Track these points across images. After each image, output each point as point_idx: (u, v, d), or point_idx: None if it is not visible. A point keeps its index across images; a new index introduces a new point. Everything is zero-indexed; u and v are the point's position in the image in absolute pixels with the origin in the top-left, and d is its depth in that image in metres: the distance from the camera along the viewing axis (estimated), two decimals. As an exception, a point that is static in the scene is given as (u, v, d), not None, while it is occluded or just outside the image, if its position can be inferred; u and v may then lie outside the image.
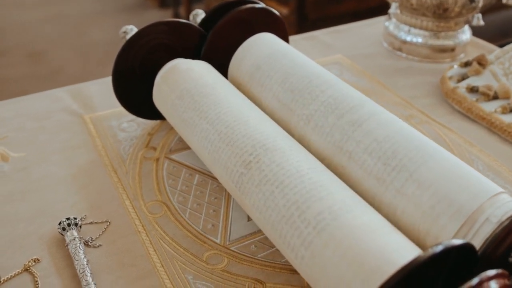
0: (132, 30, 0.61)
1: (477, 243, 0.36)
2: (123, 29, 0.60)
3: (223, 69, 0.60)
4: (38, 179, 0.55)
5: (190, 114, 0.50)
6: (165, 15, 3.01)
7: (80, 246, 0.46)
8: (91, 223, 0.50)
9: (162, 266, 0.45)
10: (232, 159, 0.44)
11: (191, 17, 0.64)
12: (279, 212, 0.39)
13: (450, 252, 0.30)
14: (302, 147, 0.45)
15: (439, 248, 0.30)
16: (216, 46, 0.60)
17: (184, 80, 0.53)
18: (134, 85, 0.59)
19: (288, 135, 0.47)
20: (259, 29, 0.61)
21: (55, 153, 0.59)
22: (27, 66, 2.50)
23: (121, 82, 0.58)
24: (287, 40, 0.64)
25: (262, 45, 0.57)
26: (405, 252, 0.34)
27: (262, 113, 0.50)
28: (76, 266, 0.44)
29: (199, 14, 0.64)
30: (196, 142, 0.49)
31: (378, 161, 0.42)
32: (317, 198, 0.38)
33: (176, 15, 2.91)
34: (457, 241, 0.31)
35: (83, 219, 0.50)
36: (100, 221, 0.50)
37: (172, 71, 0.55)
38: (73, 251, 0.46)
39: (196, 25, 0.60)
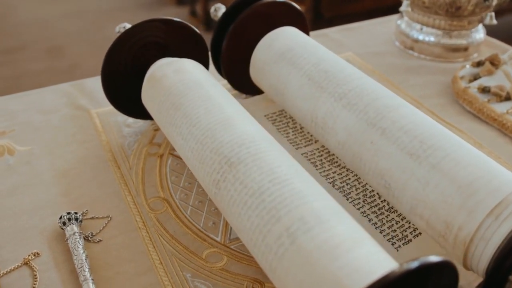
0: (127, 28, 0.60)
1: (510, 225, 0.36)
2: (120, 26, 0.59)
3: (243, 63, 0.60)
4: (42, 172, 0.55)
5: (170, 129, 0.49)
6: (182, 12, 3.02)
7: (80, 241, 0.46)
8: (92, 218, 0.50)
9: (161, 263, 0.45)
10: (206, 178, 0.43)
11: (212, 11, 0.64)
12: (248, 235, 0.38)
13: (417, 273, 0.30)
14: (270, 147, 0.42)
15: (406, 267, 0.29)
16: (238, 39, 0.60)
17: (158, 92, 0.52)
18: (126, 84, 0.58)
19: (259, 135, 0.44)
20: (281, 23, 0.61)
21: (60, 147, 0.59)
22: (45, 60, 2.52)
23: (111, 80, 0.57)
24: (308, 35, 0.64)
25: (294, 33, 0.58)
26: (365, 272, 0.32)
27: (234, 110, 0.47)
28: (75, 261, 0.44)
29: (220, 8, 0.64)
30: (182, 156, 0.49)
31: (414, 139, 0.42)
32: (276, 219, 0.36)
33: (193, 12, 2.91)
34: (434, 258, 0.31)
35: (84, 214, 0.50)
36: (101, 216, 0.50)
37: (149, 81, 0.54)
38: (72, 246, 0.46)
39: (192, 27, 0.59)
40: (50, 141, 0.60)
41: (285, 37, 0.57)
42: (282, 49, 0.56)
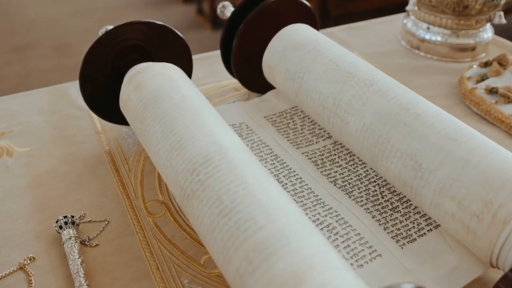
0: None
1: None
2: (101, 31, 0.57)
3: (253, 61, 0.61)
4: (40, 174, 0.55)
5: (145, 145, 0.48)
6: (189, 10, 3.01)
7: (76, 246, 0.45)
8: (89, 221, 0.49)
9: (158, 268, 0.44)
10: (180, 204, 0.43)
11: (218, 10, 0.64)
12: (215, 258, 0.37)
13: None
14: (224, 164, 0.40)
15: None
16: (248, 38, 0.60)
17: (128, 115, 0.51)
18: (105, 89, 0.56)
19: (215, 149, 0.41)
20: (291, 21, 0.60)
21: (60, 148, 0.59)
22: (53, 58, 2.53)
23: (90, 84, 0.56)
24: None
25: (311, 29, 0.59)
26: None
27: (189, 124, 0.44)
28: (71, 266, 0.43)
29: (227, 7, 0.63)
30: None
31: (448, 127, 0.43)
32: (228, 260, 0.34)
33: (200, 10, 2.90)
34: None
35: (82, 217, 0.49)
36: (99, 219, 0.49)
37: (120, 102, 0.53)
38: (68, 251, 0.45)
39: (176, 31, 0.57)
40: (49, 142, 0.60)
41: (305, 30, 0.58)
42: (305, 39, 0.56)
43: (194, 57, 0.77)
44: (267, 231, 0.34)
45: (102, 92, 0.57)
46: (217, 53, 0.79)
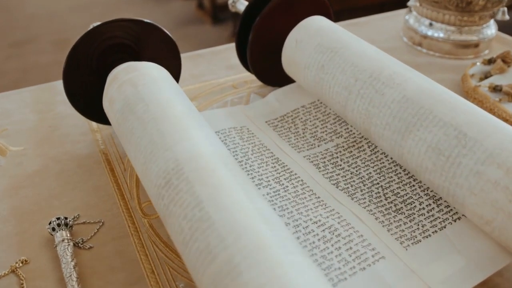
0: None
1: None
2: (91, 27, 0.56)
3: (269, 54, 0.61)
4: (34, 174, 0.54)
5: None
6: (189, 5, 3.00)
7: (69, 249, 0.44)
8: (84, 222, 0.48)
9: (153, 272, 0.43)
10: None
11: (230, 2, 0.63)
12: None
13: None
14: (186, 185, 0.37)
15: None
16: (264, 31, 0.59)
17: (109, 118, 0.50)
18: (90, 88, 0.55)
19: (180, 166, 0.39)
20: (308, 14, 0.60)
21: (54, 147, 0.57)
22: (53, 53, 2.52)
23: (74, 82, 0.54)
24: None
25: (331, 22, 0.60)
26: None
27: (155, 137, 0.42)
28: (63, 269, 0.42)
29: (237, 0, 0.63)
30: None
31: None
32: (198, 281, 0.33)
33: (200, 5, 2.89)
34: None
35: (75, 219, 0.48)
36: (93, 221, 0.48)
37: (103, 104, 0.51)
38: (61, 253, 0.44)
39: (166, 31, 0.56)
40: (44, 141, 0.58)
41: (329, 20, 0.59)
42: (334, 26, 0.57)
43: (191, 53, 0.76)
44: (219, 262, 0.32)
45: (86, 91, 0.55)
46: (216, 49, 0.78)
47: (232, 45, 0.77)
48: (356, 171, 0.51)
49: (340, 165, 0.52)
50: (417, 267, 0.41)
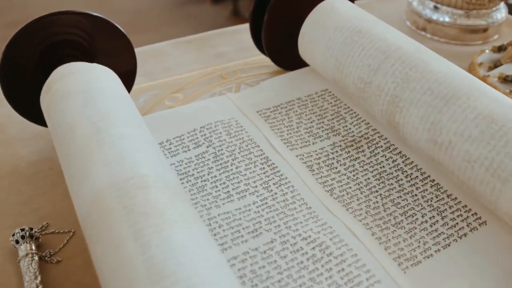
0: None
1: None
2: None
3: (285, 36, 0.59)
4: (3, 177, 0.49)
5: None
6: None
7: (32, 264, 0.40)
8: (53, 232, 0.44)
9: (126, 290, 0.39)
10: None
11: None
12: None
13: None
14: (99, 211, 0.34)
15: None
16: (279, 12, 0.57)
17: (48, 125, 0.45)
18: (30, 86, 0.49)
19: (90, 192, 0.35)
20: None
21: (26, 146, 0.53)
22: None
23: (12, 77, 0.49)
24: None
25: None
26: None
27: (75, 164, 0.38)
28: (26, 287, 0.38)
29: None
30: None
31: None
32: None
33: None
34: None
35: (43, 228, 0.44)
36: (63, 230, 0.44)
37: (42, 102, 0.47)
38: (24, 270, 0.40)
39: (117, 25, 0.50)
40: (15, 138, 0.54)
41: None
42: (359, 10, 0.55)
43: (179, 39, 0.72)
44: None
45: (27, 90, 0.49)
46: (205, 35, 0.73)
47: (222, 31, 0.72)
48: (354, 175, 0.46)
49: (336, 168, 0.47)
50: None
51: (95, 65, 0.47)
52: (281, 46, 0.61)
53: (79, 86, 0.43)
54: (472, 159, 0.39)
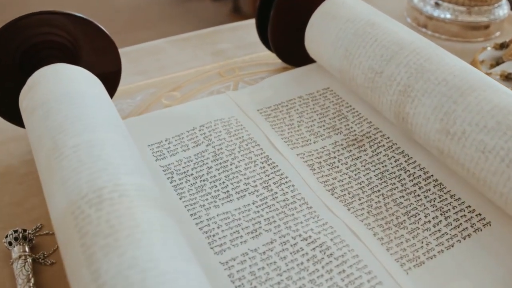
0: None
1: None
2: None
3: (291, 32, 0.59)
4: (-4, 176, 0.48)
5: None
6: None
7: (26, 267, 0.39)
8: (47, 233, 0.43)
9: (122, 293, 0.38)
10: None
11: None
12: None
13: None
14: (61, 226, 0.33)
15: None
16: (286, 7, 0.57)
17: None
18: (12, 86, 0.47)
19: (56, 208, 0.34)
20: None
21: (20, 146, 0.52)
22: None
23: None
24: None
25: None
26: None
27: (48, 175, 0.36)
28: (19, 291, 0.37)
29: None
30: None
31: None
32: None
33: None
34: None
35: (38, 229, 0.43)
36: (57, 232, 0.43)
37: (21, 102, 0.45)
38: (17, 272, 0.39)
39: (100, 26, 0.49)
40: (9, 138, 0.53)
41: None
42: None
43: (177, 37, 0.70)
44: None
45: (9, 91, 0.48)
46: (202, 33, 0.72)
47: (220, 28, 0.71)
48: (355, 175, 0.45)
49: (338, 167, 0.46)
50: None
51: (65, 67, 0.45)
52: (287, 42, 0.60)
53: (44, 97, 0.41)
54: (487, 149, 0.38)
